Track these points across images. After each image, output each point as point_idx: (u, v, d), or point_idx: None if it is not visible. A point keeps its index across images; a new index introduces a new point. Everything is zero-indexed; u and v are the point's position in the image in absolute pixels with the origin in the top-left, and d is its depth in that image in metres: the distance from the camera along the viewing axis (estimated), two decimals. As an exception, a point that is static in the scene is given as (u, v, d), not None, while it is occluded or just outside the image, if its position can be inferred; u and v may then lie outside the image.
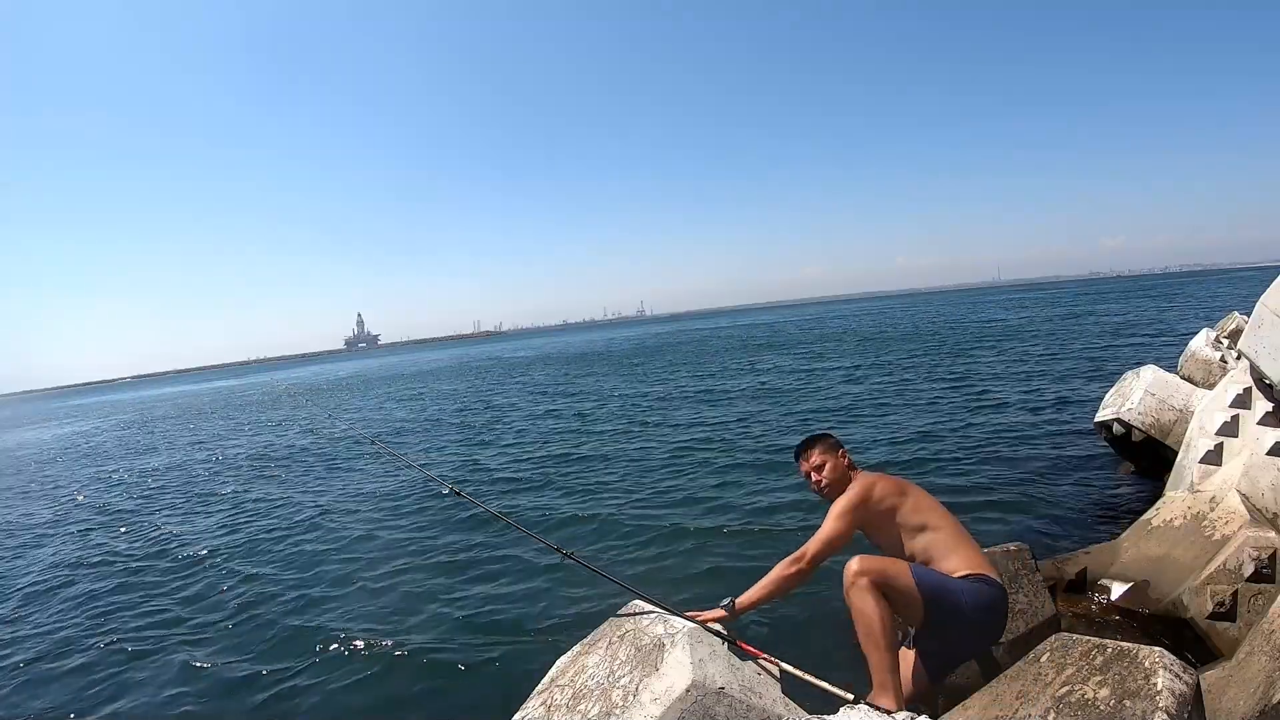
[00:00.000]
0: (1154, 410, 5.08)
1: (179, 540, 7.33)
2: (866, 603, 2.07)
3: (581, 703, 1.94)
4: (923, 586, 2.13)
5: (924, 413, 9.72)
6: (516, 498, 7.42)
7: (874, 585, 2.08)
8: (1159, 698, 1.58)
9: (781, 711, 1.97)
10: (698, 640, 2.05)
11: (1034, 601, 2.94)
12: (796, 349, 25.54)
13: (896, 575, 2.12)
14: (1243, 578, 2.86)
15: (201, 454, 14.50)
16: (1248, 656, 2.42)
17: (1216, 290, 41.38)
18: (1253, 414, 3.55)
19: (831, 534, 2.27)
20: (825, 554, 2.25)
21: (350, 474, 9.96)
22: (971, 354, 17.24)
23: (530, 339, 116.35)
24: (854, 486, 2.36)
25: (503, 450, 10.50)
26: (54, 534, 8.51)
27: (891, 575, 2.12)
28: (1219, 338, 6.75)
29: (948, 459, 6.97)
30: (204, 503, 9.19)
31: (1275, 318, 3.11)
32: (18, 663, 4.65)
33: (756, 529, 5.43)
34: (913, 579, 2.13)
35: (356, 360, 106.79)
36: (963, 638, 2.26)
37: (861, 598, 2.07)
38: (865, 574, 2.09)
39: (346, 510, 7.69)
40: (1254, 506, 3.21)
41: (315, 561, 5.96)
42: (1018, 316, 32.50)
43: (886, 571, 2.12)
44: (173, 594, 5.64)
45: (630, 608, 2.34)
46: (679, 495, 6.70)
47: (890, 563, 2.17)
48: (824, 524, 2.30)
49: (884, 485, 2.36)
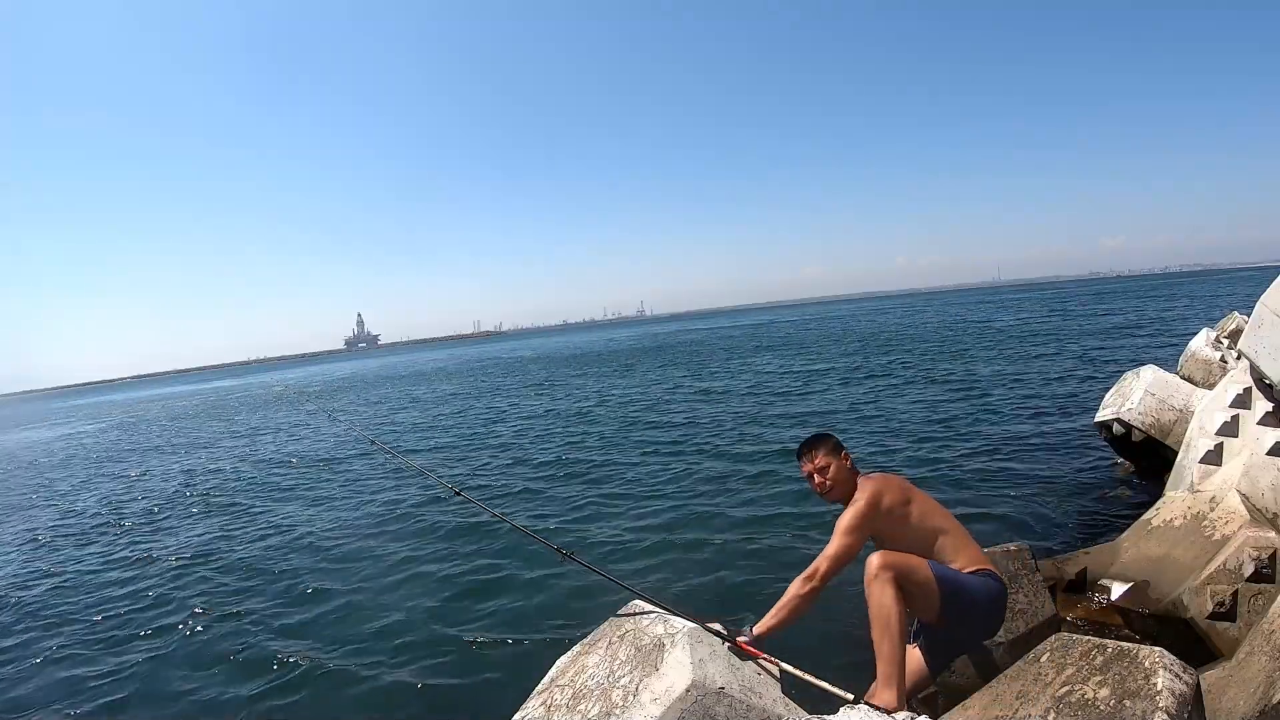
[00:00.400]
0: (1154, 410, 5.08)
1: (178, 541, 7.33)
2: (887, 595, 2.12)
3: (581, 703, 1.94)
4: (941, 582, 2.21)
5: (924, 413, 9.72)
6: (516, 498, 7.42)
7: (895, 580, 2.15)
8: (1159, 698, 1.58)
9: (781, 711, 1.97)
10: (698, 640, 2.05)
11: (1034, 601, 2.93)
12: (796, 350, 25.55)
13: (917, 570, 2.20)
14: (1243, 578, 2.86)
15: (201, 454, 14.51)
16: (1248, 656, 2.42)
17: (1216, 290, 41.39)
18: (1253, 414, 3.54)
19: (842, 549, 2.27)
20: (836, 570, 2.26)
21: (350, 475, 9.96)
22: (971, 354, 17.25)
23: (530, 339, 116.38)
24: (860, 496, 2.36)
25: (503, 450, 10.50)
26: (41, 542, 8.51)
27: (912, 570, 2.19)
28: (1219, 338, 6.75)
29: (948, 459, 6.97)
30: (203, 504, 9.19)
31: (1275, 318, 3.11)
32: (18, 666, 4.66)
33: (756, 529, 5.43)
34: (932, 574, 2.21)
35: (356, 360, 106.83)
36: (972, 631, 2.37)
37: (883, 590, 2.13)
38: (888, 568, 2.15)
39: (347, 511, 7.69)
40: (1254, 506, 3.21)
41: (316, 562, 5.97)
42: (1018, 316, 32.51)
43: (908, 566, 2.19)
44: (173, 594, 5.64)
45: (630, 608, 2.34)
46: (679, 495, 6.70)
47: (911, 558, 2.24)
48: (833, 539, 2.30)
49: (891, 494, 2.37)
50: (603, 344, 52.02)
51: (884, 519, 2.33)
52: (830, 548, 2.29)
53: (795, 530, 5.30)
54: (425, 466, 9.23)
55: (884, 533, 2.35)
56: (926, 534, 2.34)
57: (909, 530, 2.34)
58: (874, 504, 2.33)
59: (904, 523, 2.35)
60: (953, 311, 46.02)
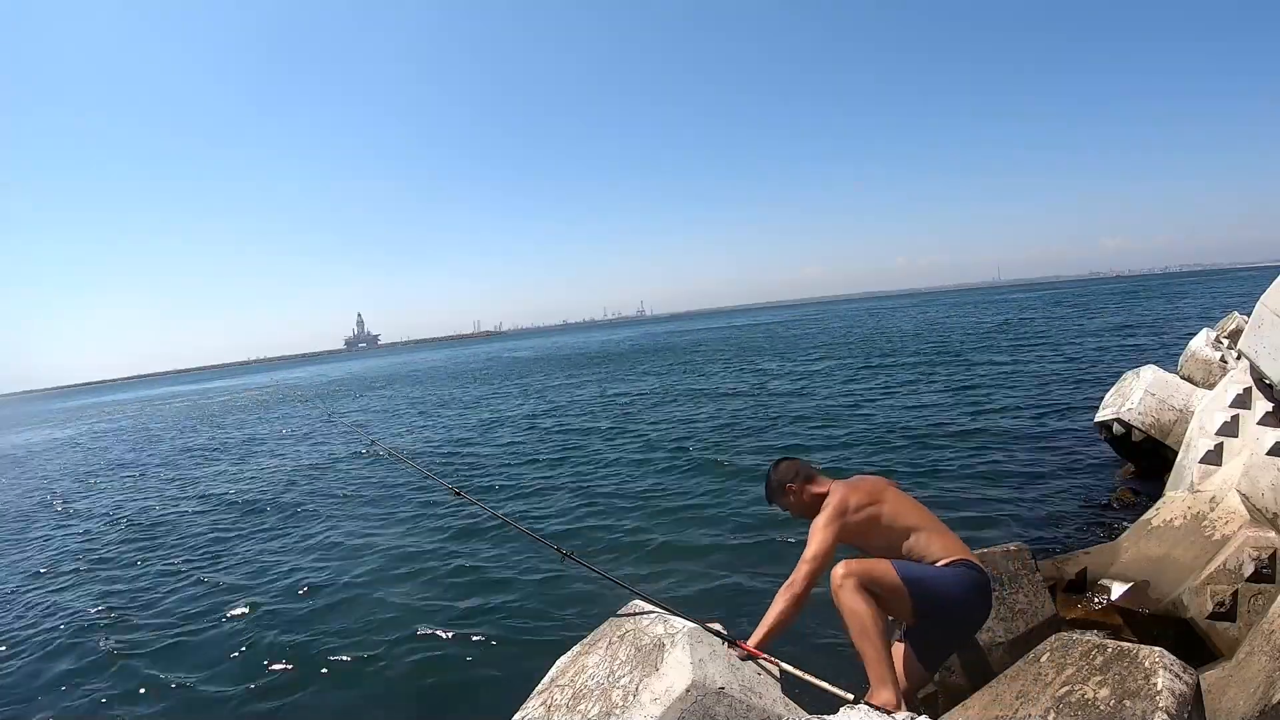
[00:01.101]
0: (1154, 410, 5.08)
1: (178, 541, 7.33)
2: (856, 601, 2.12)
3: (581, 703, 1.94)
4: (908, 580, 2.19)
5: (924, 413, 9.72)
6: (517, 498, 7.42)
7: (860, 585, 2.14)
8: (1159, 698, 1.58)
9: (781, 711, 1.97)
10: (698, 640, 2.05)
11: (1034, 601, 2.93)
12: (797, 350, 25.55)
13: (882, 573, 2.19)
14: (1243, 578, 2.86)
15: (200, 455, 14.51)
16: (1248, 656, 2.42)
17: (1216, 290, 41.38)
18: (1253, 414, 3.54)
19: (815, 552, 2.29)
20: (815, 572, 2.27)
21: (350, 475, 9.97)
22: (971, 355, 17.24)
23: (530, 339, 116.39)
24: (830, 500, 2.39)
25: (503, 450, 10.50)
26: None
27: (877, 573, 2.18)
28: (1219, 338, 6.75)
29: (948, 460, 6.97)
30: (203, 501, 9.19)
31: (1275, 318, 3.11)
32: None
33: (756, 529, 5.44)
34: (897, 574, 2.19)
35: (357, 360, 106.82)
36: (951, 624, 2.31)
37: (850, 598, 2.13)
38: (851, 575, 2.16)
39: (347, 511, 7.69)
40: (1254, 506, 3.21)
41: (316, 562, 5.97)
42: (1017, 316, 32.50)
43: (871, 570, 2.19)
44: (173, 594, 5.64)
45: (630, 608, 2.34)
46: (679, 496, 6.70)
47: (874, 562, 2.23)
48: (808, 544, 2.32)
49: (858, 495, 2.38)
50: (603, 344, 52.03)
51: (854, 521, 2.34)
52: (806, 551, 2.32)
53: (797, 531, 5.30)
54: (425, 467, 9.23)
55: (855, 534, 2.36)
56: (897, 533, 2.34)
57: (880, 530, 2.34)
58: (841, 507, 2.35)
59: (874, 523, 2.35)
60: (953, 311, 46.02)
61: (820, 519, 2.35)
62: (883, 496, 2.40)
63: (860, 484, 2.45)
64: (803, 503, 2.51)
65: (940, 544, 2.32)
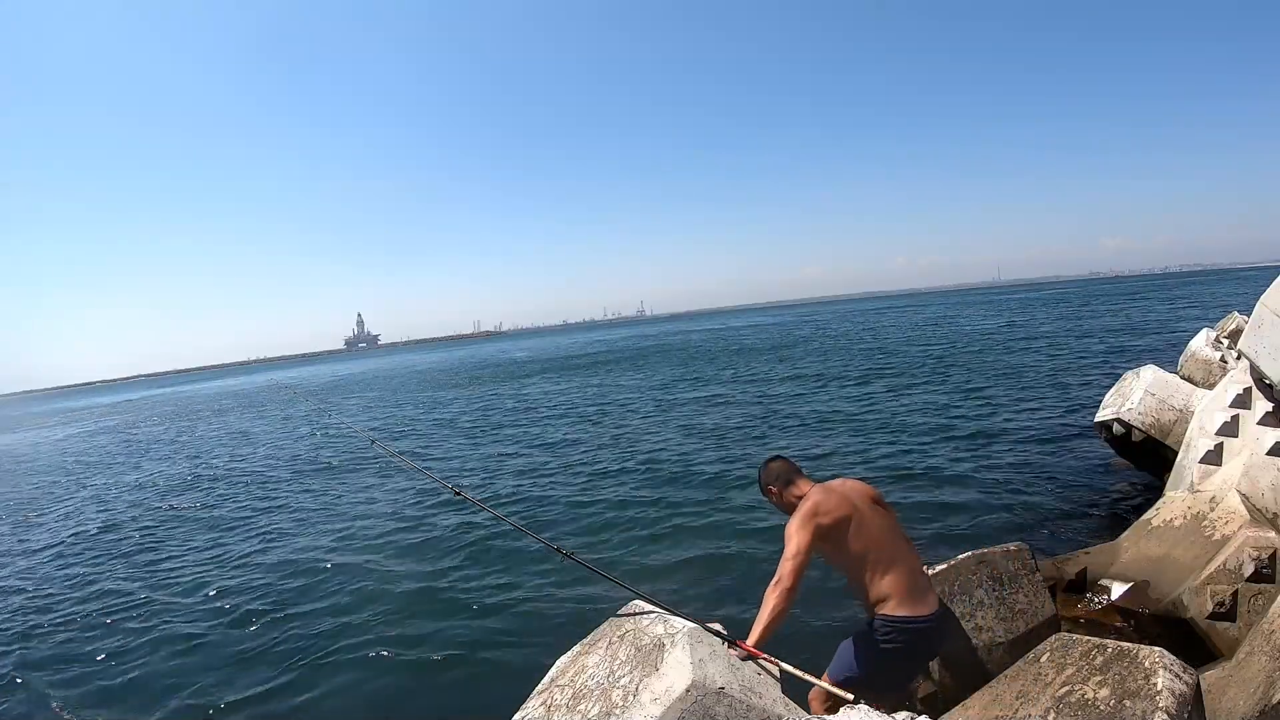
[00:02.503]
0: (1154, 410, 5.08)
1: (178, 541, 7.33)
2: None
3: (581, 703, 1.94)
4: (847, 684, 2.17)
5: (925, 413, 9.73)
6: (517, 499, 7.42)
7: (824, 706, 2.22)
8: (1159, 698, 1.58)
9: (781, 711, 1.97)
10: (698, 640, 2.05)
11: (1034, 601, 2.93)
12: (797, 350, 25.55)
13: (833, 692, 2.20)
14: (1243, 578, 2.86)
15: (200, 455, 14.51)
16: (1248, 656, 2.42)
17: (1216, 290, 41.38)
18: (1253, 414, 3.55)
19: (794, 550, 2.34)
20: (798, 567, 2.31)
21: (351, 476, 9.97)
22: (971, 355, 17.25)
23: (530, 339, 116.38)
24: (802, 505, 2.45)
25: (503, 451, 10.50)
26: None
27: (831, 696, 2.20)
28: (1219, 338, 6.75)
29: (949, 459, 6.97)
30: (203, 502, 9.19)
31: (1275, 318, 3.11)
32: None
33: (757, 529, 5.44)
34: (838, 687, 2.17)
35: (356, 360, 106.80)
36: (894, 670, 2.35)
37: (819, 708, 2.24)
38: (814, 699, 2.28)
39: (347, 512, 7.69)
40: (1254, 506, 3.21)
41: (316, 562, 5.96)
42: (1017, 316, 32.50)
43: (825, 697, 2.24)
44: (173, 593, 5.64)
45: (630, 608, 2.34)
46: (678, 496, 6.70)
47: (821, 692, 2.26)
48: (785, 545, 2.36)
49: (828, 500, 2.42)
50: (603, 344, 52.02)
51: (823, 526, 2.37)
52: (785, 551, 2.36)
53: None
54: (425, 467, 9.23)
55: (825, 541, 2.38)
56: (857, 560, 2.36)
57: (844, 544, 2.36)
58: (812, 510, 2.39)
59: (840, 537, 2.37)
60: (953, 311, 46.02)
61: (793, 522, 2.39)
62: (854, 508, 2.41)
63: (832, 493, 2.47)
64: (784, 502, 2.58)
65: (891, 583, 2.31)
